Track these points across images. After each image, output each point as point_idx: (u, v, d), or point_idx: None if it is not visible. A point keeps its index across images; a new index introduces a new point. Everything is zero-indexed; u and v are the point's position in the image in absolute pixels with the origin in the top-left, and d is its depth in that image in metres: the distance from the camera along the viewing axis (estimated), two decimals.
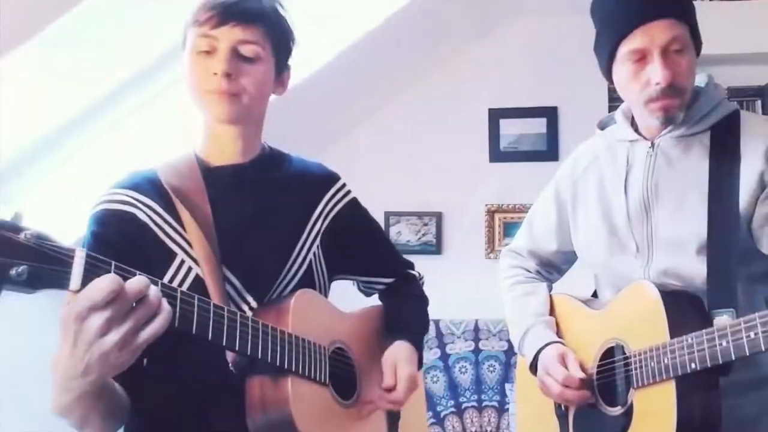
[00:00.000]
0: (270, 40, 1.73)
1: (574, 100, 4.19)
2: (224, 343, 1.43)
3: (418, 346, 1.94)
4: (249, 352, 1.48)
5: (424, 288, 2.10)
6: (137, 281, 1.21)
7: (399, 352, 1.86)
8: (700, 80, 1.98)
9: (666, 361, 1.70)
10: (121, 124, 3.20)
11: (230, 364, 1.58)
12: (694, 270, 1.82)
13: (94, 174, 3.03)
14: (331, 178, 1.94)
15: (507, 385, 4.05)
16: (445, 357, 4.13)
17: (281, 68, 1.80)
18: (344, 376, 1.78)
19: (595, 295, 2.22)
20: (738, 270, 1.78)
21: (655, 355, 1.73)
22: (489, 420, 4.08)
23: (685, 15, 1.83)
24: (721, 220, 1.79)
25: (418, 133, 4.46)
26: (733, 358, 1.57)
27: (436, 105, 4.46)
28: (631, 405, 1.81)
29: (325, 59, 3.71)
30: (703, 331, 1.64)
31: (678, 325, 1.71)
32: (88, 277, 1.18)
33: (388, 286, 2.06)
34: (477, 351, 4.13)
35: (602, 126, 2.13)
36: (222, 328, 1.41)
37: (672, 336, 1.71)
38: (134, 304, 1.21)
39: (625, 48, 1.85)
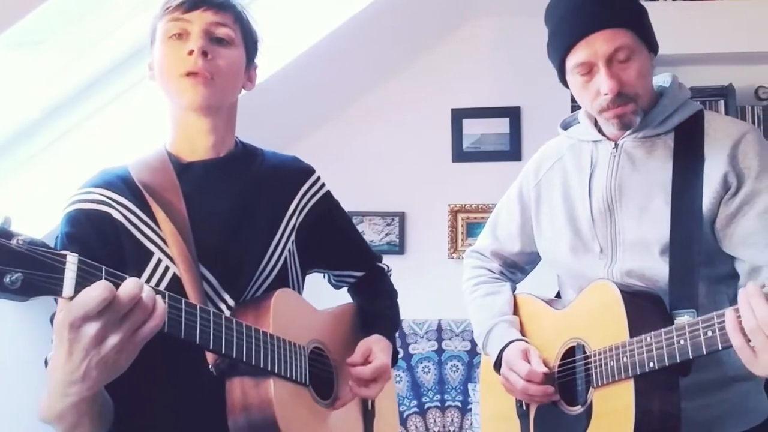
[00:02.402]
0: (240, 28, 1.74)
1: (537, 100, 4.20)
2: (211, 347, 1.42)
3: (395, 343, 1.95)
4: (234, 355, 1.47)
5: None
6: (130, 286, 1.20)
7: (375, 341, 1.86)
8: (664, 80, 1.99)
9: (625, 359, 1.71)
10: (85, 124, 3.16)
11: (210, 366, 1.56)
12: (658, 271, 1.83)
13: (58, 175, 3.00)
14: (305, 172, 1.93)
15: (470, 385, 4.06)
16: (408, 357, 4.12)
17: (250, 61, 1.81)
18: (322, 376, 1.77)
19: (558, 296, 2.22)
20: (701, 271, 1.78)
21: (614, 354, 1.74)
22: (452, 420, 4.08)
23: (629, 22, 1.83)
24: (683, 222, 1.80)
25: (381, 133, 4.46)
26: (691, 356, 1.58)
27: (399, 105, 4.45)
28: (591, 404, 1.82)
29: (286, 59, 3.69)
30: (662, 330, 1.64)
31: (638, 325, 1.71)
32: (81, 284, 1.17)
33: (358, 279, 2.07)
34: (440, 351, 4.12)
35: (565, 126, 2.14)
36: (209, 331, 1.41)
37: (632, 335, 1.71)
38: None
39: (571, 62, 1.87)
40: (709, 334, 1.53)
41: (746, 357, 1.45)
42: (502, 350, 2.04)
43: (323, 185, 1.95)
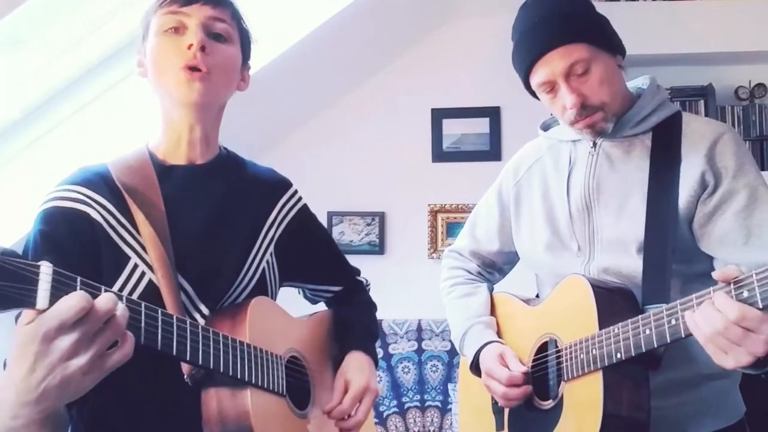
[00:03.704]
0: (236, 25, 1.70)
1: (517, 100, 4.13)
2: (187, 358, 1.37)
3: (373, 354, 1.89)
4: (211, 366, 1.42)
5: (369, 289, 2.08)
6: (107, 299, 1.12)
7: (350, 366, 1.81)
8: (643, 82, 2.01)
9: (594, 352, 1.72)
10: (66, 124, 3.15)
11: (186, 376, 1.50)
12: (634, 268, 1.84)
13: (37, 177, 2.99)
14: (283, 185, 1.88)
15: (450, 385, 4.06)
16: (388, 357, 4.12)
17: (245, 60, 1.76)
18: (299, 385, 1.72)
19: (538, 297, 2.23)
20: (677, 268, 1.80)
21: (584, 346, 1.76)
22: (432, 420, 4.09)
23: (581, 35, 1.84)
24: (658, 220, 1.82)
25: (361, 133, 4.46)
26: (656, 345, 1.59)
27: (378, 105, 4.46)
28: (562, 398, 1.83)
29: (267, 59, 3.69)
30: (629, 320, 1.66)
31: (608, 318, 1.73)
32: (55, 295, 1.09)
33: (335, 294, 2.01)
34: (420, 351, 4.13)
35: (545, 127, 2.15)
36: (185, 342, 1.36)
37: (601, 328, 1.73)
38: (102, 325, 1.12)
39: (534, 82, 1.90)
40: (673, 322, 1.55)
41: (713, 354, 1.47)
42: (478, 352, 2.06)
43: (300, 198, 1.90)
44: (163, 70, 1.60)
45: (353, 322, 1.94)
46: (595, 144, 1.96)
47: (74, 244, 1.51)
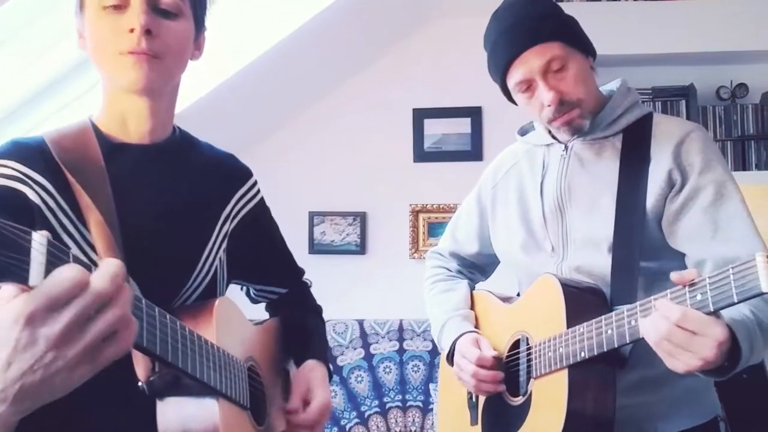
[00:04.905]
0: None
1: (499, 100, 4.10)
2: (169, 359, 1.18)
3: (326, 363, 1.77)
4: (188, 371, 1.24)
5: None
6: (110, 270, 0.90)
7: (313, 375, 1.69)
8: (614, 85, 2.03)
9: (561, 350, 1.76)
10: (44, 126, 3.13)
11: (141, 382, 1.30)
12: (605, 267, 1.86)
13: None
14: (243, 174, 1.71)
15: (431, 385, 4.06)
16: (369, 357, 4.12)
17: (199, 27, 1.52)
18: (256, 397, 1.56)
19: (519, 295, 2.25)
20: (646, 267, 1.82)
21: (552, 344, 1.79)
22: (413, 420, 4.09)
23: (556, 34, 1.87)
24: (627, 219, 1.84)
25: (343, 133, 4.46)
26: (616, 345, 1.63)
27: (360, 105, 4.46)
28: (531, 394, 1.87)
29: (248, 59, 3.68)
30: (594, 320, 1.69)
31: (576, 317, 1.76)
32: (49, 270, 0.86)
33: (281, 296, 1.87)
34: (401, 351, 4.12)
35: (523, 132, 2.19)
36: (167, 339, 1.16)
37: (569, 327, 1.76)
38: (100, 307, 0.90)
39: (511, 82, 1.93)
40: (632, 323, 1.58)
41: (665, 359, 1.50)
42: (454, 342, 2.09)
43: (259, 191, 1.73)
44: (102, 53, 1.40)
45: (309, 332, 1.83)
46: (566, 147, 1.99)
47: None
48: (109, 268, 0.91)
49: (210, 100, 3.55)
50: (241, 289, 1.86)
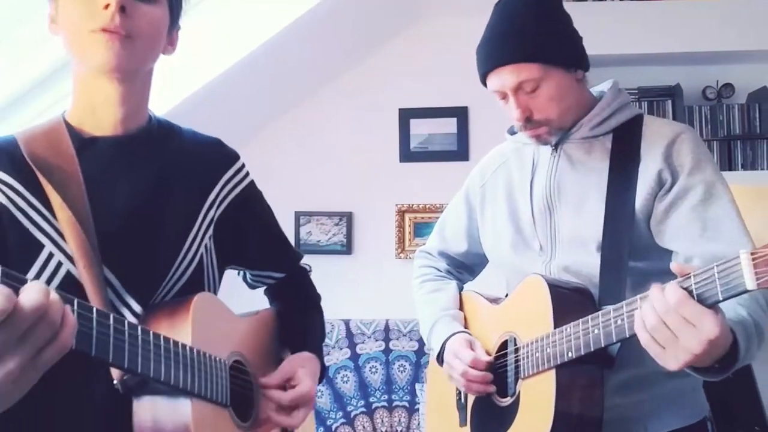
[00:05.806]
0: None
1: (485, 100, 4.13)
2: (125, 366, 1.18)
3: (322, 358, 1.76)
4: (151, 375, 1.24)
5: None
6: (33, 294, 0.92)
7: (302, 363, 1.67)
8: (606, 86, 2.03)
9: (548, 350, 1.76)
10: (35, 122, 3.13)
11: (116, 381, 1.31)
12: (593, 267, 1.87)
13: None
14: (228, 158, 1.68)
15: (417, 385, 4.06)
16: (355, 357, 4.11)
17: (174, 22, 1.52)
18: (242, 394, 1.56)
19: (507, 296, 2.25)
20: (635, 266, 1.83)
21: (539, 345, 1.80)
22: (399, 420, 4.08)
23: (533, 55, 1.86)
24: (615, 219, 1.85)
25: (329, 132, 4.45)
26: (603, 344, 1.63)
27: (346, 105, 4.45)
28: (519, 395, 1.87)
29: (234, 60, 3.66)
30: (580, 320, 1.69)
31: (563, 317, 1.76)
32: None
33: (278, 281, 1.86)
34: (387, 351, 4.12)
35: (512, 131, 2.19)
36: (123, 347, 1.16)
37: (556, 327, 1.76)
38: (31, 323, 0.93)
39: (489, 88, 1.97)
40: (619, 322, 1.58)
41: (655, 352, 1.48)
42: (445, 342, 2.09)
43: (248, 174, 1.70)
44: (75, 31, 1.38)
45: (306, 326, 1.82)
46: (556, 146, 1.99)
47: None
48: (33, 290, 0.93)
49: (195, 100, 3.54)
50: (238, 274, 1.85)
